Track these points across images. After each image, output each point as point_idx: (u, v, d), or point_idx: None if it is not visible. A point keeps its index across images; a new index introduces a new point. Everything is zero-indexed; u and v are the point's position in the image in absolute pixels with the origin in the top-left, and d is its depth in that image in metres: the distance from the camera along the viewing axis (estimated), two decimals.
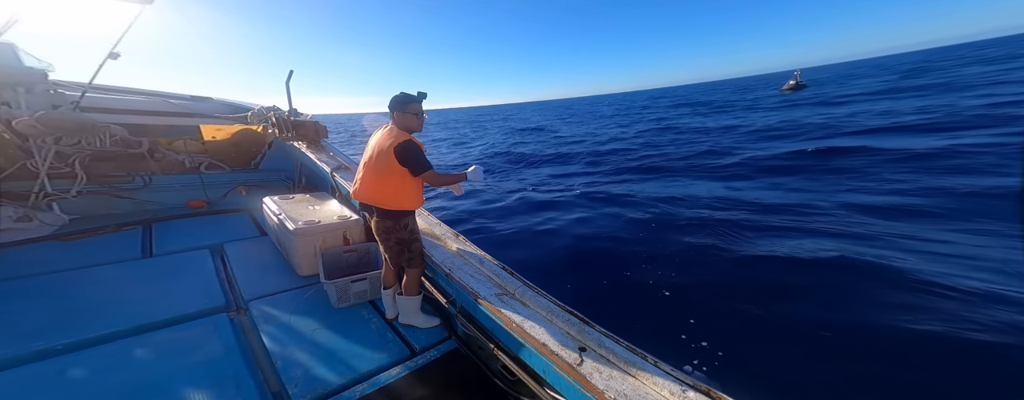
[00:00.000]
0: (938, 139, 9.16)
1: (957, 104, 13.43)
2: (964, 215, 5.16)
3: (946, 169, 7.14)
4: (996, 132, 8.94)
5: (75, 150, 3.66)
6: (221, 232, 3.60)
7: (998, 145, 7.96)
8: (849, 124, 12.87)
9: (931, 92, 18.32)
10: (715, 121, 19.60)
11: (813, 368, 2.95)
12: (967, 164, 7.22)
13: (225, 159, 4.78)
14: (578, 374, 1.41)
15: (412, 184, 2.11)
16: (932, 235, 4.70)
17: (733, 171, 9.15)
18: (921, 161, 7.79)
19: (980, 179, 6.33)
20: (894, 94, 20.06)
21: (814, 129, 12.96)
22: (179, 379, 1.80)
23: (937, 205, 5.60)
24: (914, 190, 6.32)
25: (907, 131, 10.67)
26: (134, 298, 2.43)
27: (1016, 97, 12.94)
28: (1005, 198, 5.53)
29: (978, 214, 5.13)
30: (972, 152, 7.81)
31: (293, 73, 4.50)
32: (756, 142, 12.33)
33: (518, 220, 6.77)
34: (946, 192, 6.02)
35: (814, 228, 5.27)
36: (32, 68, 3.22)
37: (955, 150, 8.08)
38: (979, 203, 5.47)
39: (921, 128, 10.73)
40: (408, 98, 2.10)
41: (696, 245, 5.09)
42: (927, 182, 6.56)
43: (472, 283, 2.06)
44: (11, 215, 3.28)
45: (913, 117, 12.28)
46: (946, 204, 5.60)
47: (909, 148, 8.64)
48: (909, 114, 12.97)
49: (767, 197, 6.84)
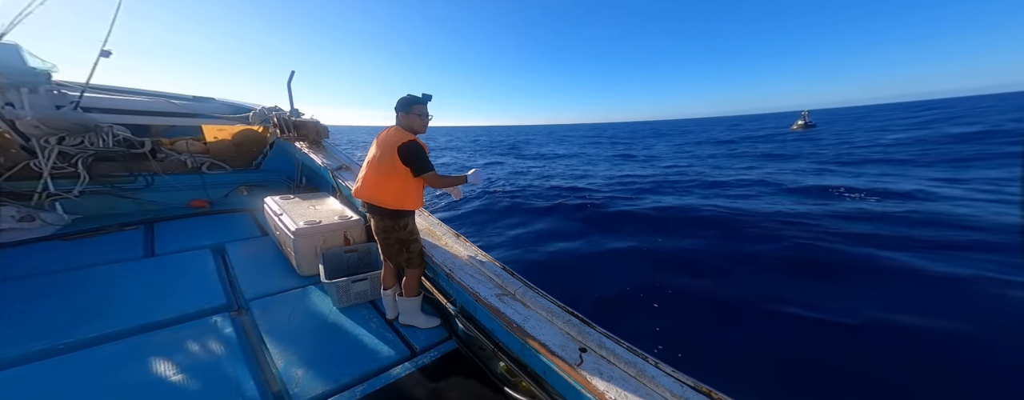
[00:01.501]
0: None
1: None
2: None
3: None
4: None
5: (78, 150, 3.67)
6: (222, 232, 3.61)
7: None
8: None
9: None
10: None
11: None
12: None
13: (227, 159, 4.79)
14: (578, 374, 1.41)
15: (414, 185, 2.11)
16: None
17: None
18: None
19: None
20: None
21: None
22: (180, 379, 1.81)
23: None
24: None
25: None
26: (136, 298, 2.43)
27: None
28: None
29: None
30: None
31: (294, 74, 4.51)
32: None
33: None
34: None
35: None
36: (35, 69, 3.23)
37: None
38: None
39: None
40: (413, 100, 2.12)
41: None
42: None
43: (472, 283, 2.06)
44: (14, 215, 3.29)
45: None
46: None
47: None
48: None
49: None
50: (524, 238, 6.74)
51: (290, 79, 4.49)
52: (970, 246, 5.28)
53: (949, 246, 5.32)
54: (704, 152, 22.88)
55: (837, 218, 6.75)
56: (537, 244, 6.40)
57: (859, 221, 6.55)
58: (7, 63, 3.06)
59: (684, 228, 6.88)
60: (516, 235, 6.97)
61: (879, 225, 6.29)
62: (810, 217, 6.87)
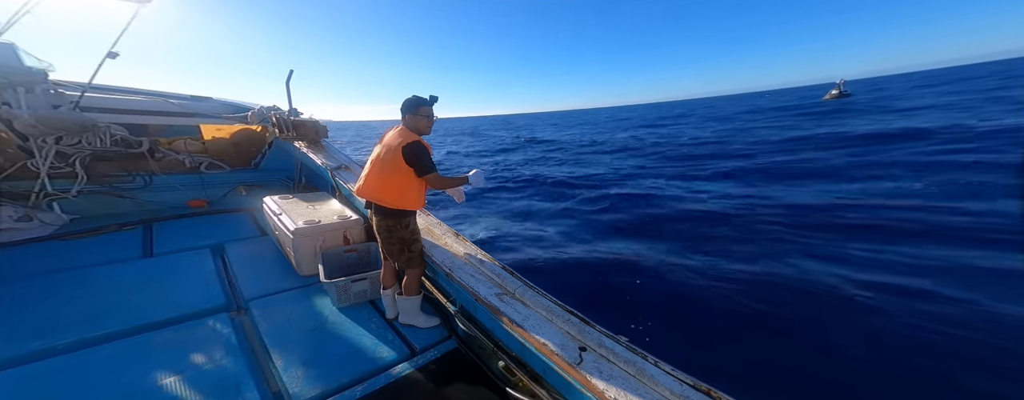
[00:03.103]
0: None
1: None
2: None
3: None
4: None
5: (76, 150, 3.66)
6: (221, 232, 3.60)
7: None
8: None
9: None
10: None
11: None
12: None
13: (225, 159, 4.78)
14: (578, 374, 1.41)
15: (416, 185, 2.12)
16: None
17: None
18: None
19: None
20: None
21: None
22: (179, 379, 1.80)
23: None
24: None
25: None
26: (135, 298, 2.43)
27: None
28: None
29: None
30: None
31: (293, 73, 4.50)
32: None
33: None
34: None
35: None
36: (32, 68, 3.21)
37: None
38: None
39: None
40: (420, 101, 2.13)
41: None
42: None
43: (472, 283, 2.06)
44: (12, 215, 3.28)
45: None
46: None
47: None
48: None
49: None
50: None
51: (289, 78, 4.49)
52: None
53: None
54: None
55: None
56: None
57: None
58: (3, 63, 3.05)
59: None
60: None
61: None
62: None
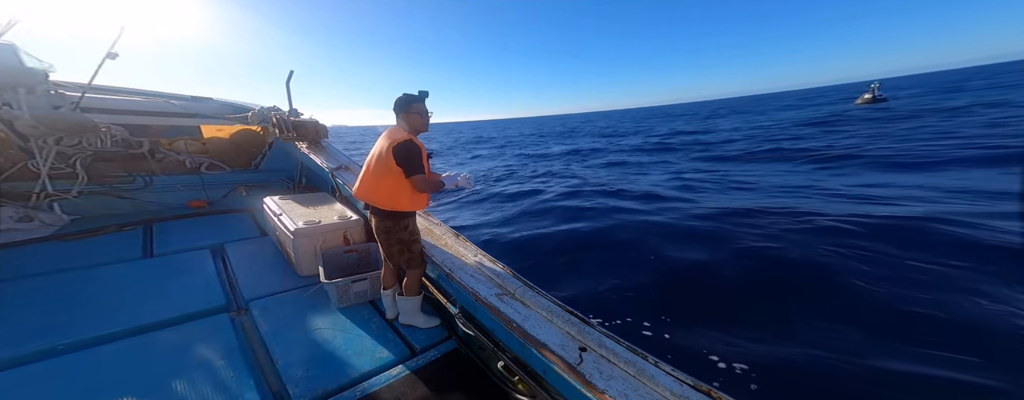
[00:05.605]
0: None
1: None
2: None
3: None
4: None
5: (76, 150, 3.66)
6: (222, 232, 3.60)
7: None
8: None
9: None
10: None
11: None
12: None
13: (226, 159, 4.78)
14: (578, 374, 1.41)
15: (408, 185, 2.06)
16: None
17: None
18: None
19: None
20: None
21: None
22: (180, 379, 1.80)
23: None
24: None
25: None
26: (135, 298, 2.43)
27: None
28: None
29: None
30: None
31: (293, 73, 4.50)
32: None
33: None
34: None
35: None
36: (33, 69, 3.22)
37: None
38: None
39: None
40: (411, 99, 2.08)
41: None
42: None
43: (472, 283, 2.06)
44: (12, 215, 3.28)
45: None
46: None
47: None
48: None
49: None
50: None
51: (289, 79, 4.49)
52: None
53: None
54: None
55: None
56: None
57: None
58: (4, 63, 3.05)
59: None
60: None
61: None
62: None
